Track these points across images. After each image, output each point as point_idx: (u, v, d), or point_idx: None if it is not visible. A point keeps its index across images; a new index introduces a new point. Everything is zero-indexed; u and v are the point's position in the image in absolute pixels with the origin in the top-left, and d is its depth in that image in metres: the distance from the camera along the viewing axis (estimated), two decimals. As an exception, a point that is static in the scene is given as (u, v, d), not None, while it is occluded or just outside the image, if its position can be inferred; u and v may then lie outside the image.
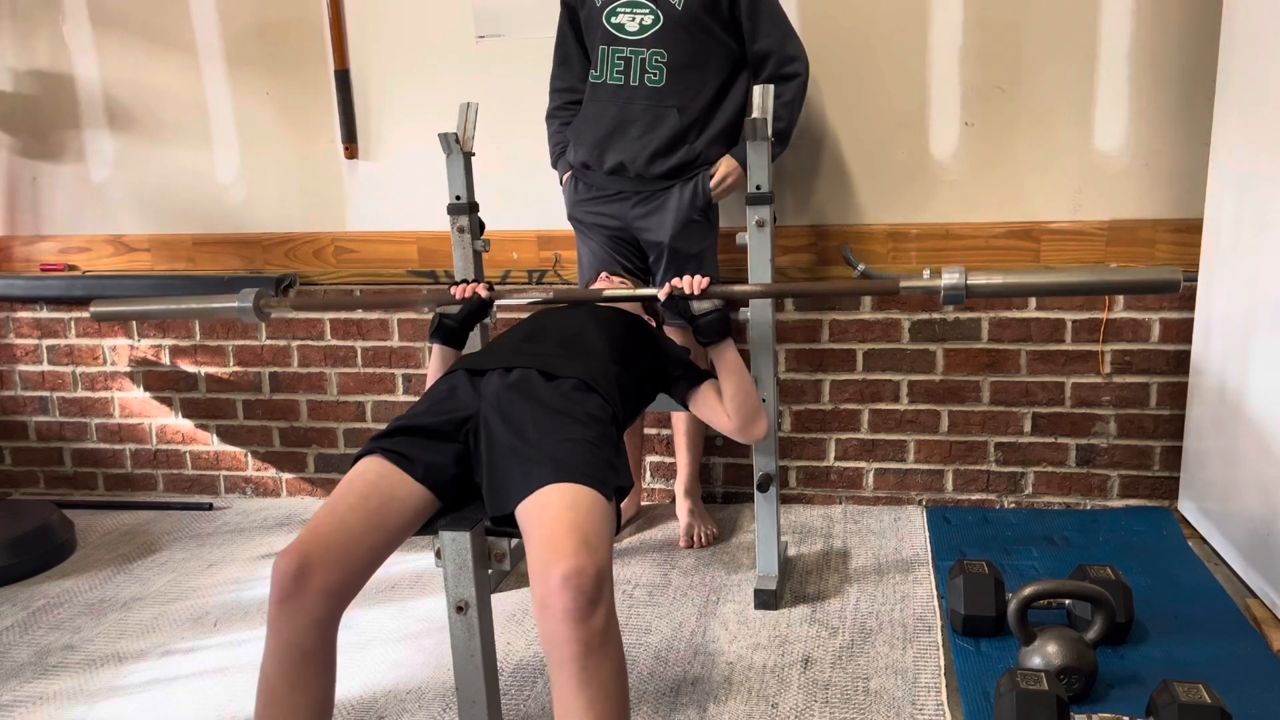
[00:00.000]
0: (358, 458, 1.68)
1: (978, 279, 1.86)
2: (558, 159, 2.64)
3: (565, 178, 2.62)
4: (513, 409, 1.69)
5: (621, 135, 2.46)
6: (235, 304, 2.15)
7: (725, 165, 2.45)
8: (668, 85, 2.41)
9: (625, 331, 2.02)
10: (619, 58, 2.44)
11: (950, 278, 1.87)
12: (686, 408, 2.13)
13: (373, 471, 1.64)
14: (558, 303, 2.12)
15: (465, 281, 2.12)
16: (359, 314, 3.07)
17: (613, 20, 2.44)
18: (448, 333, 2.06)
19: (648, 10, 2.41)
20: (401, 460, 1.65)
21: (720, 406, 2.06)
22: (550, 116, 2.65)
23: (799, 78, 2.47)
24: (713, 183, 2.45)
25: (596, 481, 1.55)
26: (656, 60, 2.42)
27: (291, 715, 1.50)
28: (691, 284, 2.02)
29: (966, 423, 2.85)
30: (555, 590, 1.38)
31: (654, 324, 2.24)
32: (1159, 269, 1.81)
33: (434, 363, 2.08)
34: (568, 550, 1.40)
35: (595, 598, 1.38)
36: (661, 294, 2.03)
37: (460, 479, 1.69)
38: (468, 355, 1.98)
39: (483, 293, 2.07)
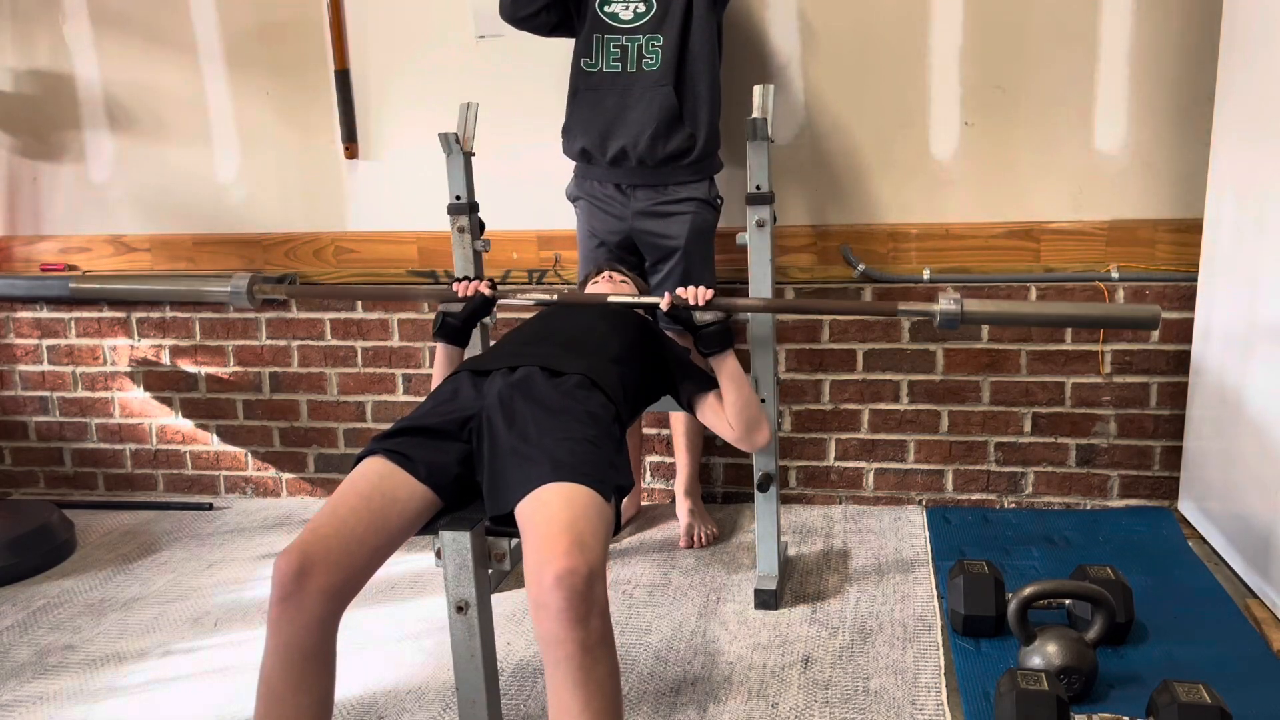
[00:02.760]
0: (360, 457, 1.68)
1: (973, 306, 1.92)
2: None
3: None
4: (514, 408, 1.70)
5: (622, 120, 2.47)
6: (227, 287, 2.12)
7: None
8: (663, 68, 2.44)
9: (631, 331, 2.03)
10: (615, 46, 2.46)
11: (946, 304, 1.91)
12: (693, 411, 2.12)
13: (375, 472, 1.64)
14: (559, 304, 2.12)
15: (467, 279, 2.11)
16: (359, 314, 3.07)
17: (606, 9, 2.46)
18: (451, 331, 2.06)
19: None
20: (404, 460, 1.64)
21: (724, 414, 2.06)
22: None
23: None
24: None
25: (594, 480, 1.54)
26: (653, 45, 2.43)
27: (293, 715, 1.50)
28: (695, 295, 2.02)
29: (966, 423, 2.85)
30: (549, 590, 1.38)
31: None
32: (1141, 307, 1.89)
33: (438, 362, 2.08)
34: (561, 550, 1.40)
35: (589, 597, 1.38)
36: (664, 304, 2.03)
37: (462, 479, 1.69)
38: (472, 357, 1.98)
39: (485, 291, 2.07)
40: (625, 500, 2.45)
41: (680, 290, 2.04)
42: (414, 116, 2.91)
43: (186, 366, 3.19)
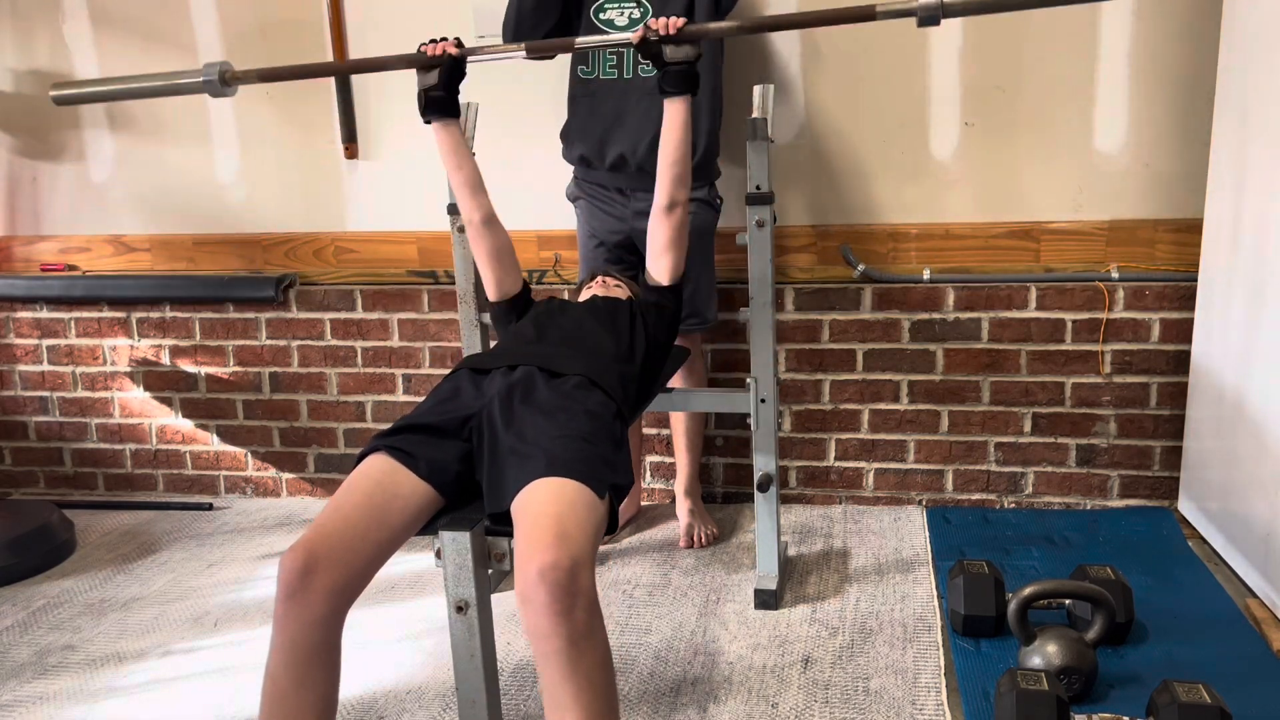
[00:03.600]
0: (361, 456, 1.68)
1: None
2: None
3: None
4: (514, 408, 1.70)
5: (620, 127, 2.47)
6: (200, 78, 2.09)
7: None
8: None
9: (624, 324, 2.01)
10: (610, 52, 2.45)
11: None
12: (648, 270, 2.09)
13: (377, 469, 1.64)
14: (529, 55, 2.06)
15: (433, 41, 2.07)
16: (359, 314, 3.07)
17: (601, 16, 2.45)
18: (440, 104, 2.04)
19: (635, 3, 2.42)
20: (405, 457, 1.65)
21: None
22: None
23: None
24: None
25: (587, 476, 1.54)
26: None
27: (297, 712, 1.50)
28: (666, 25, 1.97)
29: (966, 423, 2.85)
30: (533, 584, 1.38)
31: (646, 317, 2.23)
32: None
33: (440, 143, 2.05)
34: (545, 544, 1.40)
35: (573, 590, 1.38)
36: (634, 37, 1.99)
37: (463, 477, 1.69)
38: (471, 356, 1.98)
39: (452, 50, 2.04)
40: (625, 500, 2.45)
41: (651, 21, 1.99)
42: (414, 116, 2.87)
43: (186, 366, 3.19)
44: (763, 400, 2.32)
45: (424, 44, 2.06)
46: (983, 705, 1.94)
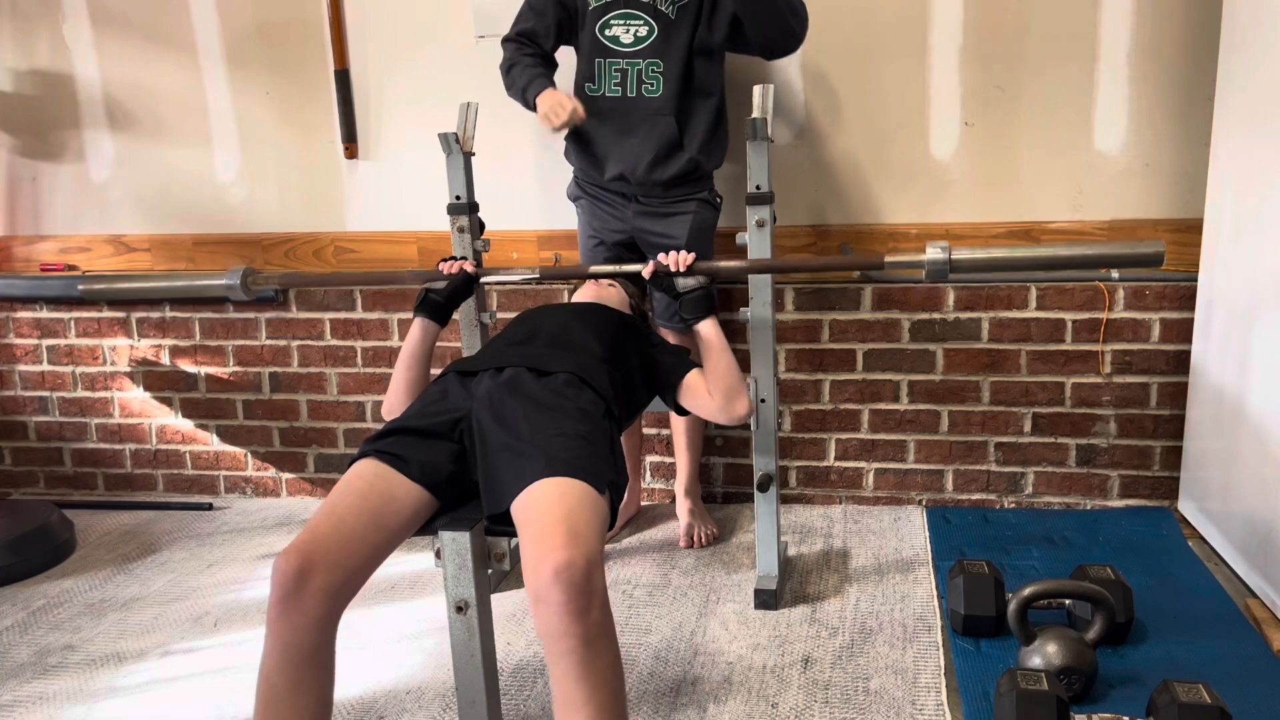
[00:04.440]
0: (352, 461, 1.68)
1: (961, 253, 1.85)
2: (530, 81, 2.42)
3: (568, 109, 2.45)
4: (504, 407, 1.70)
5: (621, 146, 2.47)
6: (223, 281, 2.22)
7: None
8: (664, 95, 2.42)
9: (613, 329, 2.02)
10: (615, 70, 2.45)
11: (934, 252, 1.85)
12: (681, 408, 2.08)
13: (370, 472, 1.64)
14: (542, 280, 2.12)
15: (453, 259, 2.15)
16: (359, 314, 3.07)
17: (606, 33, 2.44)
18: (433, 307, 2.08)
19: (642, 21, 2.41)
20: (396, 460, 1.65)
21: (704, 389, 2.00)
22: (513, 59, 2.47)
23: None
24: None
25: (589, 475, 1.55)
26: (653, 70, 2.42)
27: (292, 714, 1.50)
28: (676, 260, 2.03)
29: (966, 423, 2.85)
30: (547, 585, 1.38)
31: (645, 315, 2.24)
32: (1145, 243, 1.78)
33: (414, 336, 2.06)
34: (557, 544, 1.40)
35: (587, 590, 1.39)
36: (646, 271, 2.05)
37: (457, 478, 1.69)
38: (458, 359, 1.98)
39: (469, 269, 2.12)
40: (625, 500, 2.45)
41: (662, 256, 2.05)
42: (414, 116, 2.91)
43: (186, 366, 3.19)
44: (763, 400, 2.32)
45: (443, 260, 2.14)
46: (983, 705, 1.94)
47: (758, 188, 2.22)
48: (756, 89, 2.25)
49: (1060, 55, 2.63)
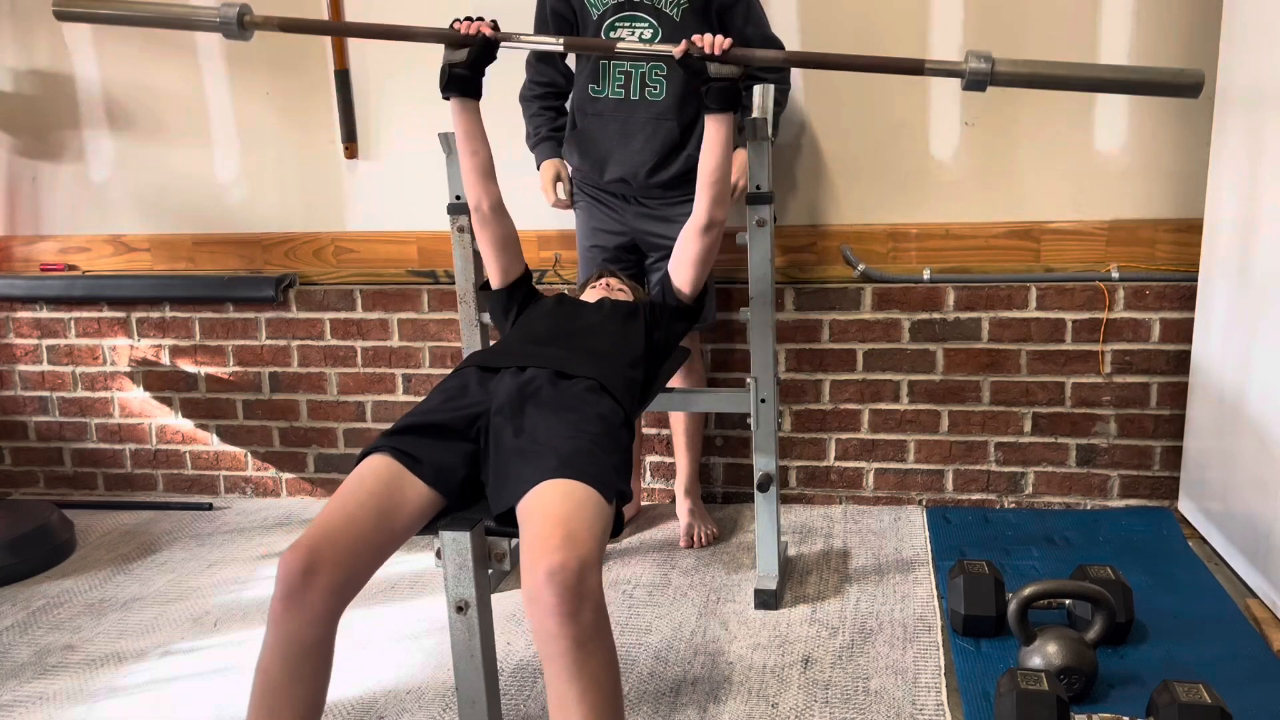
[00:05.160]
0: (367, 452, 1.67)
1: (1004, 65, 1.75)
2: (537, 143, 2.62)
3: (555, 194, 2.62)
4: (523, 409, 1.69)
5: (623, 148, 2.47)
6: (217, 18, 1.94)
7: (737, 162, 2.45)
8: (667, 98, 2.42)
9: (637, 330, 2.00)
10: (620, 72, 2.45)
11: (975, 62, 1.76)
12: (670, 279, 2.08)
13: (383, 470, 1.63)
14: (564, 50, 1.98)
15: (469, 18, 1.98)
16: (359, 314, 3.07)
17: (611, 35, 2.44)
18: (461, 80, 1.96)
19: (646, 24, 2.41)
20: (410, 461, 1.64)
21: (685, 240, 2.01)
22: (528, 100, 2.63)
23: (787, 70, 2.53)
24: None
25: (596, 480, 1.54)
26: (656, 74, 2.43)
27: (288, 707, 1.50)
28: (712, 44, 1.91)
29: (966, 423, 2.85)
30: (541, 585, 1.38)
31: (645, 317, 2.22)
32: (1185, 72, 1.69)
33: (457, 120, 1.99)
34: (553, 545, 1.40)
35: (580, 592, 1.39)
36: (678, 51, 1.93)
37: (468, 480, 1.69)
38: (478, 352, 1.97)
39: (487, 31, 1.95)
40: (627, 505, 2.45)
41: (696, 37, 1.93)
42: (414, 116, 2.91)
43: (186, 366, 3.19)
44: (763, 400, 2.32)
45: (458, 20, 1.98)
46: (983, 705, 1.94)
47: (758, 188, 2.22)
48: (756, 89, 2.25)
49: (1060, 55, 2.62)
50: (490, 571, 1.71)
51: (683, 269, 2.07)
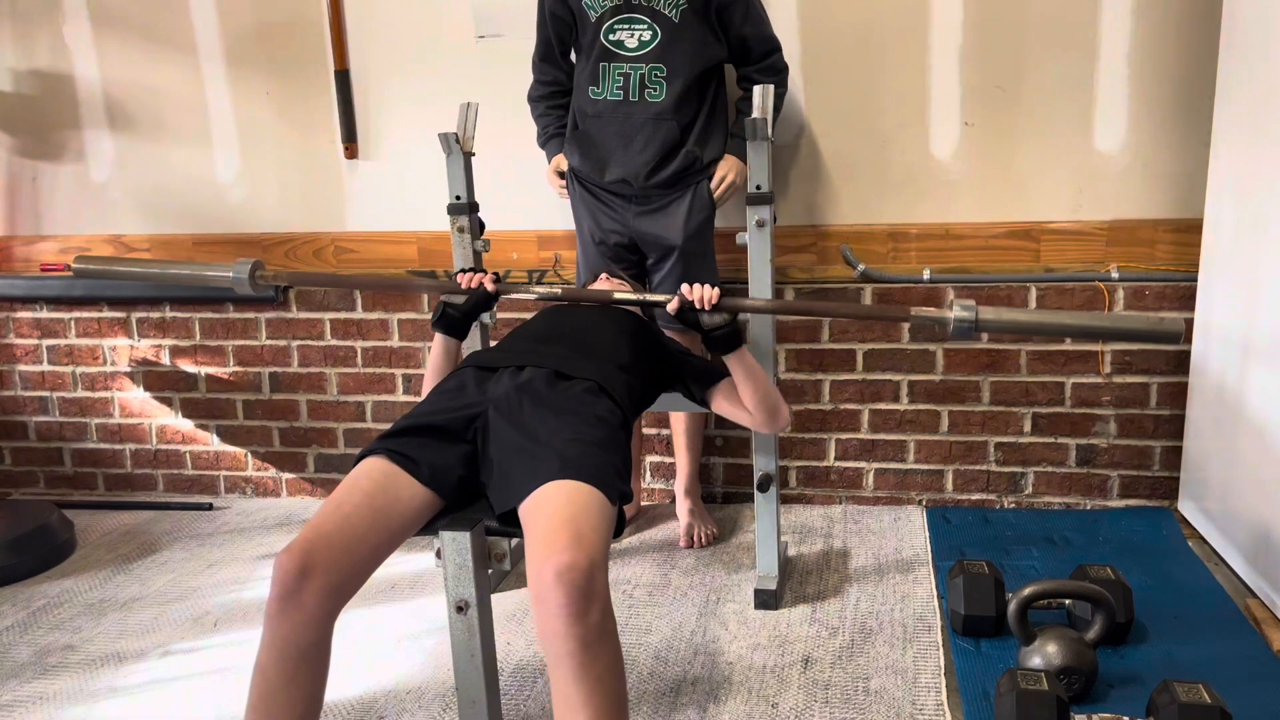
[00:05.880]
0: (363, 455, 1.68)
1: (987, 314, 1.80)
2: (546, 140, 2.66)
3: (560, 182, 2.63)
4: (522, 409, 1.69)
5: (624, 150, 2.47)
6: (230, 273, 2.04)
7: (725, 166, 2.49)
8: (667, 99, 2.43)
9: (636, 333, 2.01)
10: (619, 74, 2.45)
11: (960, 312, 1.80)
12: (708, 407, 2.09)
13: (379, 471, 1.63)
14: (563, 300, 2.08)
15: (471, 270, 2.05)
16: (359, 314, 3.07)
17: (610, 38, 2.44)
18: (450, 322, 2.01)
19: (646, 26, 2.41)
20: (406, 462, 1.64)
21: (739, 402, 2.01)
22: (535, 100, 2.67)
23: (784, 71, 2.55)
24: (715, 185, 2.49)
25: (600, 482, 1.55)
26: (656, 75, 2.43)
27: (286, 708, 1.50)
28: (702, 297, 1.90)
29: (966, 423, 2.85)
30: (549, 586, 1.38)
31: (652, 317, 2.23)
32: (1165, 321, 1.76)
33: (435, 353, 2.04)
34: (561, 545, 1.40)
35: (589, 593, 1.39)
36: (671, 306, 1.93)
37: (465, 481, 1.69)
38: (476, 352, 1.97)
39: (489, 285, 2.01)
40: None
41: (686, 290, 1.92)
42: (414, 116, 2.91)
43: (186, 366, 3.19)
44: (763, 400, 2.32)
45: (460, 271, 2.04)
46: (983, 705, 1.94)
47: (758, 188, 2.22)
48: (756, 89, 2.25)
49: (1060, 55, 2.63)
50: (490, 571, 1.71)
51: (720, 408, 2.06)
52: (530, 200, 2.88)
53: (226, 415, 3.21)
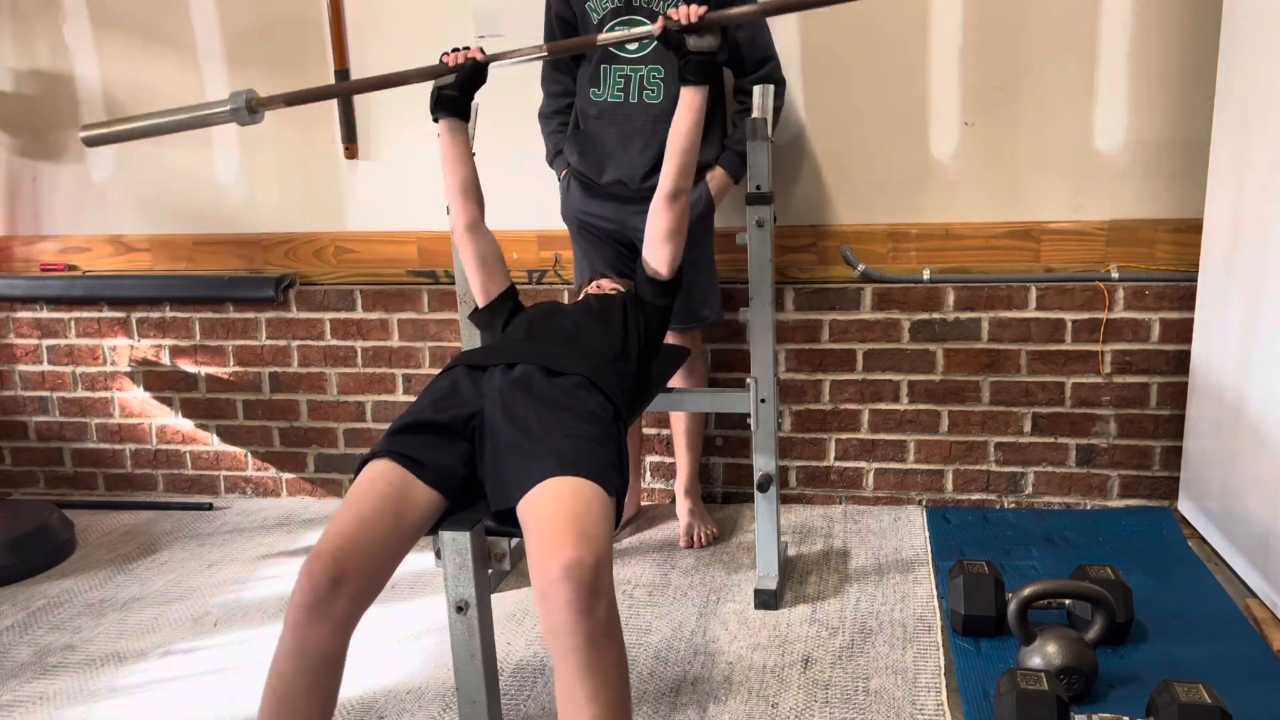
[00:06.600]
0: (368, 458, 1.67)
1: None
2: (555, 156, 2.66)
3: (563, 174, 2.64)
4: (515, 405, 1.69)
5: (623, 152, 2.47)
6: (227, 107, 2.05)
7: (712, 179, 2.51)
8: (665, 101, 2.43)
9: (617, 320, 2.00)
10: (619, 76, 2.45)
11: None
12: (647, 262, 2.06)
13: (391, 473, 1.63)
14: (549, 55, 2.00)
15: (457, 49, 2.02)
16: (359, 314, 3.07)
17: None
18: (449, 101, 1.98)
19: (641, 22, 2.41)
20: (413, 465, 1.64)
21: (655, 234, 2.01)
22: (546, 116, 2.66)
23: (781, 83, 2.55)
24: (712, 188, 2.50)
25: (598, 477, 1.55)
26: (654, 77, 2.43)
27: (305, 714, 1.50)
28: (687, 13, 1.91)
29: (966, 423, 2.85)
30: (555, 582, 1.38)
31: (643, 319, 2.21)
32: None
33: (444, 141, 2.01)
34: (567, 542, 1.40)
35: (595, 589, 1.39)
36: (655, 29, 1.95)
37: (468, 481, 1.69)
38: (466, 352, 1.97)
39: (477, 56, 1.98)
40: (625, 500, 2.45)
41: (671, 11, 1.94)
42: (414, 116, 2.90)
43: (186, 366, 3.19)
44: (763, 400, 2.32)
45: (446, 53, 2.01)
46: (983, 705, 1.94)
47: (758, 188, 2.22)
48: (756, 89, 2.25)
49: (1060, 55, 2.63)
50: (490, 571, 1.71)
51: (656, 246, 2.04)
52: (530, 200, 2.88)
53: (226, 415, 3.21)
